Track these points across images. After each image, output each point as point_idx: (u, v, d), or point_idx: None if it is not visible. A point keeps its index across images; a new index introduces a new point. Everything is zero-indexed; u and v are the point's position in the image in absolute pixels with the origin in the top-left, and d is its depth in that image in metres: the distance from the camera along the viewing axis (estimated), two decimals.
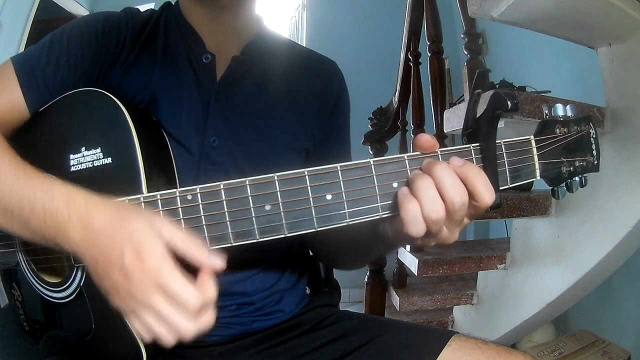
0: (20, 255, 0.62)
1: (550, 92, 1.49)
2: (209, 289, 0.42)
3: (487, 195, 0.43)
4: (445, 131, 1.42)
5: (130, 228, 0.43)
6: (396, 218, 0.45)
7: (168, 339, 0.42)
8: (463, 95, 1.60)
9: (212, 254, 0.43)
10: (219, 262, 0.43)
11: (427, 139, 0.45)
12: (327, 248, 0.75)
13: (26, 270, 0.62)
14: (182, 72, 0.67)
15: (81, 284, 0.56)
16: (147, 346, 0.54)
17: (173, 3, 0.72)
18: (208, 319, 0.43)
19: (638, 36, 1.16)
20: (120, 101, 0.54)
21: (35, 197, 0.47)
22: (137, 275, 0.41)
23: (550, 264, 1.38)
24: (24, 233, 0.49)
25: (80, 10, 2.84)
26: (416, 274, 1.47)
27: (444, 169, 0.43)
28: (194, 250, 0.43)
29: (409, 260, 1.50)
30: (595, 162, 0.50)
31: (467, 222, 0.46)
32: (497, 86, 1.49)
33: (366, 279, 1.82)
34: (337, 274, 0.90)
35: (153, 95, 0.64)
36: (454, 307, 1.77)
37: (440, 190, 0.42)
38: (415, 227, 0.43)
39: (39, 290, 0.61)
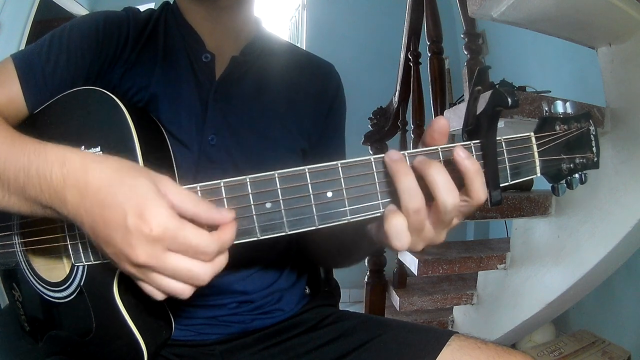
0: (20, 255, 0.62)
1: (550, 92, 1.50)
2: (226, 233, 0.40)
3: (482, 193, 0.42)
4: None
5: (132, 184, 0.40)
6: (380, 230, 0.44)
7: (185, 292, 0.41)
8: (463, 95, 1.60)
9: (221, 209, 0.41)
10: (231, 214, 0.41)
11: (444, 122, 0.44)
12: (319, 247, 0.75)
13: (26, 271, 0.62)
14: (182, 71, 0.67)
15: (82, 284, 0.56)
16: (148, 345, 0.54)
17: (171, 2, 0.72)
18: (222, 259, 0.41)
19: (638, 36, 1.17)
20: (120, 100, 0.54)
21: (30, 162, 0.43)
22: (143, 239, 0.38)
23: (550, 264, 1.38)
24: (22, 205, 0.46)
25: (80, 10, 2.84)
26: (416, 274, 1.47)
27: (437, 168, 0.41)
28: (205, 210, 0.40)
29: (409, 260, 1.51)
30: (595, 159, 0.50)
31: (456, 222, 0.45)
32: (497, 86, 1.48)
33: (366, 279, 1.82)
34: (337, 274, 0.90)
35: (153, 94, 0.64)
36: (454, 307, 1.77)
37: (432, 190, 0.41)
38: (399, 240, 0.42)
39: (39, 290, 0.61)
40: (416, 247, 0.45)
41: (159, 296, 0.42)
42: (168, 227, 0.38)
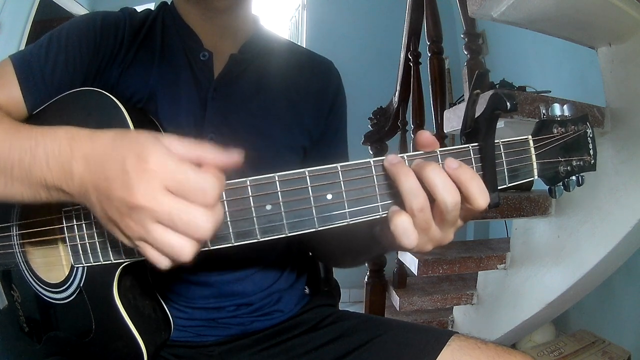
0: (18, 256, 0.62)
1: (550, 92, 1.49)
2: (220, 175, 0.39)
3: (481, 198, 0.42)
4: (445, 131, 1.42)
5: (133, 136, 0.39)
6: (388, 232, 0.44)
7: (186, 248, 0.38)
8: (463, 95, 1.60)
9: (228, 152, 0.40)
10: (236, 155, 0.40)
11: (427, 136, 0.45)
12: (326, 248, 0.76)
13: (25, 271, 0.62)
14: (180, 70, 0.67)
15: (81, 285, 0.56)
16: (147, 346, 0.54)
17: (169, 3, 0.72)
18: (221, 209, 0.39)
19: (638, 36, 1.17)
20: (119, 100, 0.54)
21: (37, 143, 0.43)
22: (142, 178, 0.37)
23: (550, 264, 1.38)
24: (25, 191, 0.45)
25: (80, 10, 2.84)
26: (416, 274, 1.47)
27: (434, 169, 0.42)
28: (211, 151, 0.40)
29: (409, 260, 1.51)
30: (592, 161, 0.51)
31: (460, 223, 0.46)
32: (497, 86, 1.49)
33: (366, 279, 1.82)
34: (337, 274, 0.90)
35: (151, 93, 0.64)
36: (454, 307, 1.77)
37: (431, 191, 0.42)
38: (407, 238, 0.43)
39: (38, 291, 0.61)
40: (425, 247, 0.46)
41: (163, 260, 0.39)
42: (165, 163, 0.37)
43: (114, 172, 0.38)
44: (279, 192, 0.43)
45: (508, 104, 0.43)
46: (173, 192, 0.37)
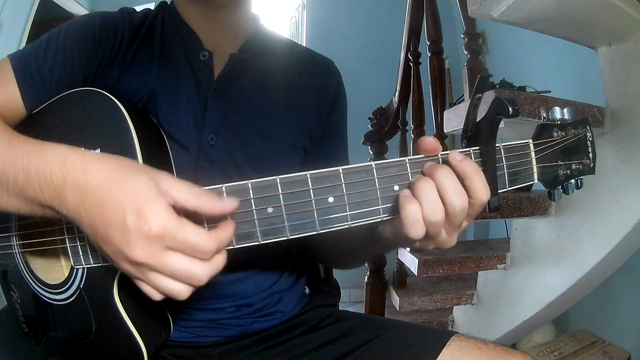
0: (18, 257, 0.62)
1: (550, 92, 1.49)
2: (225, 232, 0.41)
3: (483, 192, 0.43)
4: (445, 131, 1.42)
5: (132, 186, 0.39)
6: (396, 220, 0.45)
7: (182, 292, 0.40)
8: (463, 95, 1.60)
9: (223, 198, 0.41)
10: (233, 202, 0.41)
11: (430, 141, 0.45)
12: (325, 249, 0.75)
13: (24, 272, 0.62)
14: (180, 70, 0.67)
15: (81, 286, 0.56)
16: (147, 346, 0.54)
17: (169, 2, 0.72)
18: (220, 259, 0.41)
19: (638, 36, 1.17)
20: (119, 100, 0.54)
21: (30, 162, 0.43)
22: (142, 238, 0.38)
23: (550, 264, 1.38)
24: (21, 206, 0.46)
25: (80, 10, 2.84)
26: (416, 274, 1.47)
27: (445, 173, 0.43)
28: (207, 201, 0.41)
29: (409, 260, 1.51)
30: (592, 164, 0.51)
31: (465, 225, 0.47)
32: (497, 86, 1.48)
33: (366, 279, 1.82)
34: (337, 274, 0.90)
35: (151, 93, 0.64)
36: (454, 307, 1.77)
37: (441, 194, 0.43)
38: (415, 229, 0.43)
39: (38, 292, 0.61)
40: (427, 245, 0.47)
41: (157, 296, 0.42)
42: (167, 226, 0.38)
43: (113, 222, 0.39)
44: (281, 195, 0.43)
45: (510, 109, 0.44)
46: (173, 249, 0.39)
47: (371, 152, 2.00)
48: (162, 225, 0.38)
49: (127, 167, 0.42)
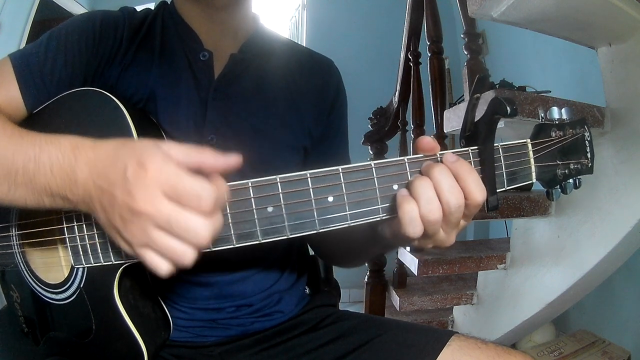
0: (18, 256, 0.62)
1: (550, 92, 1.49)
2: (220, 183, 0.40)
3: (478, 192, 0.44)
4: (445, 131, 1.42)
5: (134, 144, 0.41)
6: (394, 219, 0.45)
7: (186, 254, 0.39)
8: (463, 95, 1.60)
9: (226, 156, 0.41)
10: (236, 157, 0.41)
11: (428, 141, 0.46)
12: (327, 247, 0.76)
13: (24, 272, 0.62)
14: (180, 70, 0.67)
15: (81, 285, 0.56)
16: (147, 346, 0.54)
17: (169, 2, 0.72)
18: (220, 218, 0.40)
19: (638, 36, 1.17)
20: (119, 100, 0.54)
21: (42, 149, 0.45)
22: (141, 185, 0.38)
23: (550, 264, 1.38)
24: (29, 197, 0.46)
25: (80, 11, 2.84)
26: (416, 274, 1.47)
27: (441, 171, 0.43)
28: (210, 156, 0.41)
29: (409, 260, 1.51)
30: (590, 164, 0.51)
31: (463, 224, 0.47)
32: (497, 86, 1.49)
33: (366, 279, 1.82)
34: (337, 274, 0.90)
35: (151, 93, 0.64)
36: (454, 307, 1.77)
37: (437, 192, 0.43)
38: (413, 228, 0.43)
39: (38, 291, 0.61)
40: (426, 244, 0.48)
41: (164, 266, 0.40)
42: (165, 171, 0.38)
43: (116, 178, 0.40)
44: (281, 194, 0.44)
45: (508, 108, 0.44)
46: (170, 198, 0.38)
47: (371, 152, 2.00)
48: (160, 170, 0.38)
49: (134, 140, 0.44)
